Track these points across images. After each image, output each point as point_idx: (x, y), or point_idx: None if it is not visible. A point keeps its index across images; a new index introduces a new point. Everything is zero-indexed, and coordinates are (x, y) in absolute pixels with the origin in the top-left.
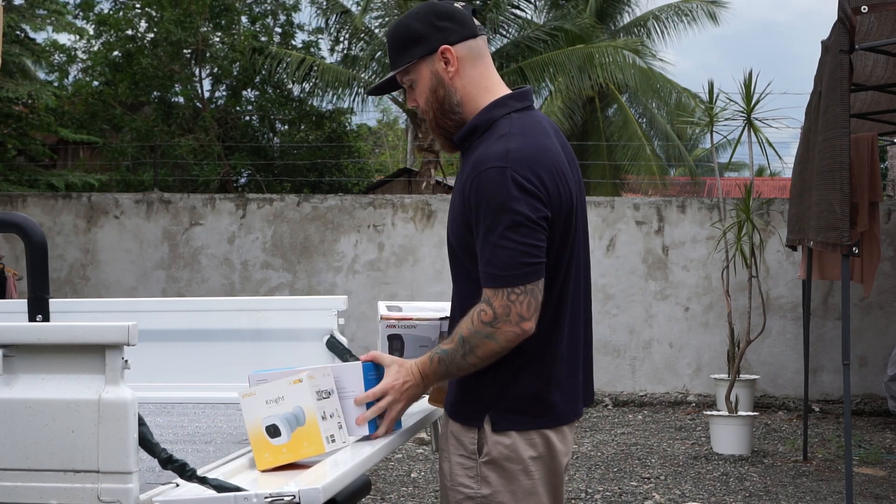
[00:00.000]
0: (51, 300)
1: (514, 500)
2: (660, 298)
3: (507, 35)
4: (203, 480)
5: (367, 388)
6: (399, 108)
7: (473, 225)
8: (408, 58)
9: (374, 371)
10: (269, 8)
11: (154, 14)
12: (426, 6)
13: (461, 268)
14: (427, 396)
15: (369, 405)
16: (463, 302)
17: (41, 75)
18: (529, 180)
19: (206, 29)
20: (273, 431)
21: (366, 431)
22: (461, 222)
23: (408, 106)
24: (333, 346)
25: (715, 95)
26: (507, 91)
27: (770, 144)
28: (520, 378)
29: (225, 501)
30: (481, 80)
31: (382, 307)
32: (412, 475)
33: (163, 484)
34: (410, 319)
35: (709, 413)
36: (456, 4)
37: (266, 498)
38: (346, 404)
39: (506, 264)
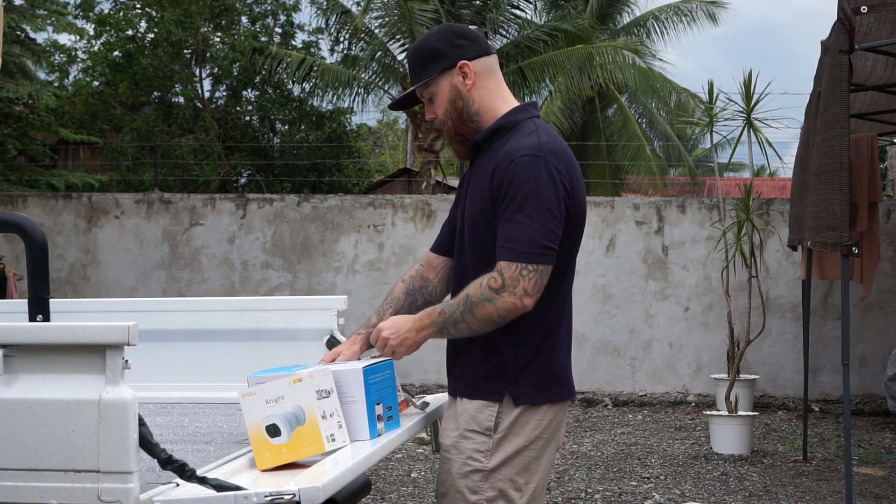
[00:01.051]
0: (51, 300)
1: (512, 472)
2: (660, 298)
3: (507, 35)
4: (203, 480)
5: (367, 393)
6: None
7: (500, 207)
8: (428, 73)
9: (375, 375)
10: (269, 8)
11: (154, 14)
12: (445, 27)
13: (482, 251)
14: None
15: (370, 411)
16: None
17: (41, 75)
18: (560, 171)
19: (206, 29)
20: (273, 431)
21: (366, 435)
22: (489, 210)
23: (426, 118)
24: (333, 345)
25: (715, 95)
26: (519, 103)
27: (770, 144)
28: (539, 355)
29: (225, 500)
30: (496, 92)
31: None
32: (412, 475)
33: (163, 484)
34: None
35: (708, 413)
36: (471, 27)
37: (266, 497)
38: (346, 409)
39: (526, 241)
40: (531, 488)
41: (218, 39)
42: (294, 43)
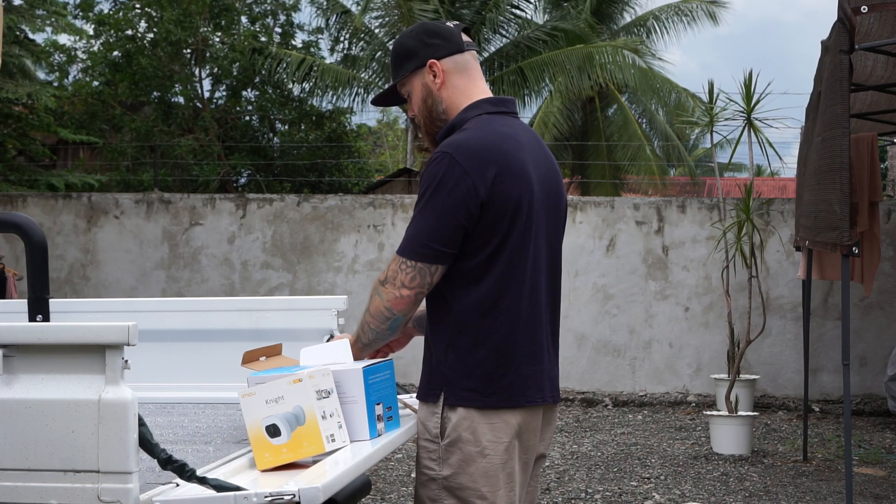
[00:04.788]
0: (51, 300)
1: (471, 481)
2: (660, 298)
3: (507, 35)
4: (203, 480)
5: (367, 393)
6: (399, 108)
7: None
8: (402, 72)
9: (375, 375)
10: (269, 8)
11: (154, 14)
12: (418, 25)
13: None
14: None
15: (370, 411)
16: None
17: (41, 75)
18: (466, 168)
19: (206, 29)
20: (273, 431)
21: (366, 435)
22: None
23: (408, 115)
24: None
25: (715, 95)
26: (486, 97)
27: (770, 144)
28: (471, 357)
29: (225, 501)
30: (465, 90)
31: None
32: (412, 475)
33: (163, 484)
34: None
35: (709, 413)
36: (448, 23)
37: (266, 497)
38: (346, 409)
39: (411, 237)
40: (499, 496)
41: (218, 39)
42: (294, 43)
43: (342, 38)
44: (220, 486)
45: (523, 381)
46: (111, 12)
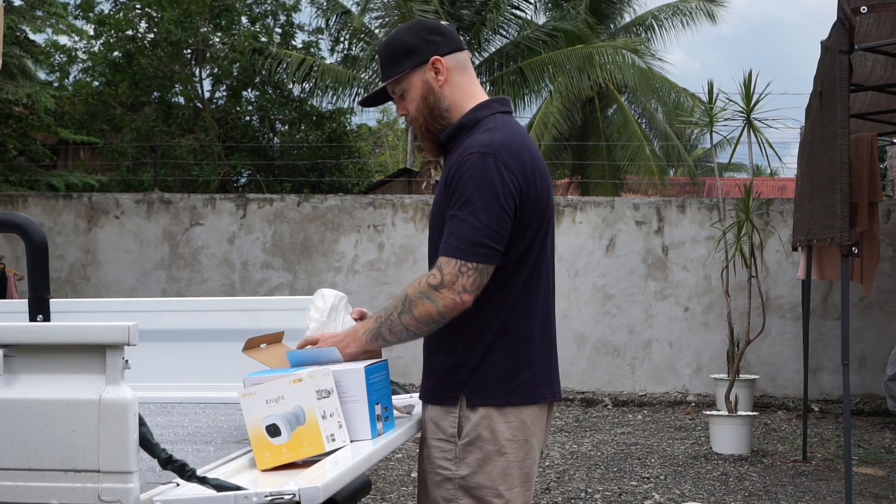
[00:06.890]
0: (51, 300)
1: (489, 480)
2: (660, 298)
3: (507, 35)
4: (203, 480)
5: (369, 392)
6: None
7: (448, 204)
8: (400, 69)
9: (374, 375)
10: (269, 8)
11: (154, 14)
12: (416, 22)
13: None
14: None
15: (371, 411)
16: None
17: (42, 76)
18: (510, 168)
19: (206, 29)
20: (273, 431)
21: (367, 435)
22: (444, 208)
23: (397, 115)
24: None
25: (715, 95)
26: (488, 97)
27: (770, 145)
28: (491, 355)
29: (225, 500)
30: (466, 88)
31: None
32: (412, 475)
33: (163, 483)
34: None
35: (708, 413)
36: (442, 22)
37: (266, 497)
38: (347, 409)
39: (467, 239)
40: (515, 494)
41: (218, 40)
42: (294, 43)
43: (342, 39)
44: (220, 486)
45: (538, 378)
46: (111, 13)
